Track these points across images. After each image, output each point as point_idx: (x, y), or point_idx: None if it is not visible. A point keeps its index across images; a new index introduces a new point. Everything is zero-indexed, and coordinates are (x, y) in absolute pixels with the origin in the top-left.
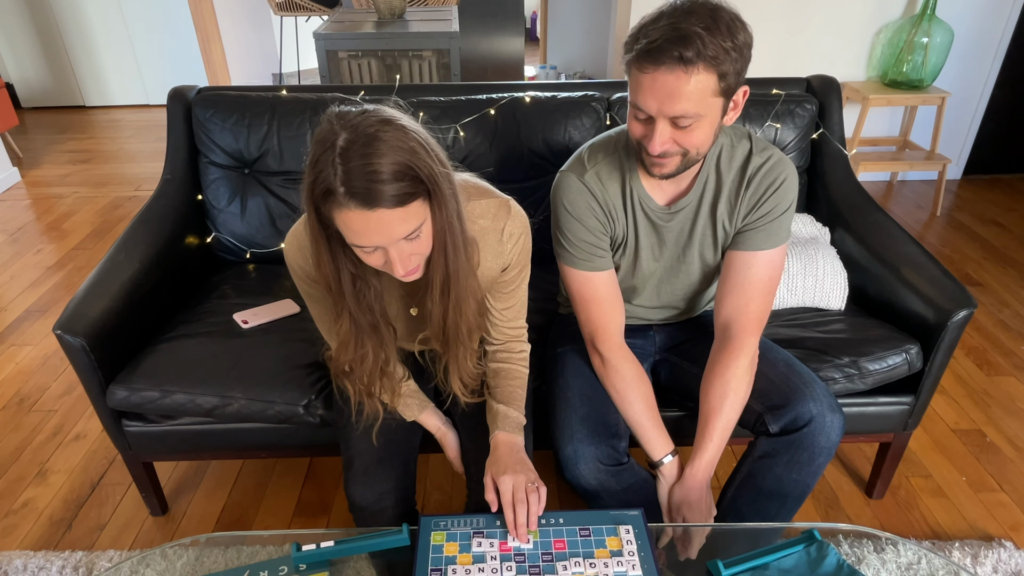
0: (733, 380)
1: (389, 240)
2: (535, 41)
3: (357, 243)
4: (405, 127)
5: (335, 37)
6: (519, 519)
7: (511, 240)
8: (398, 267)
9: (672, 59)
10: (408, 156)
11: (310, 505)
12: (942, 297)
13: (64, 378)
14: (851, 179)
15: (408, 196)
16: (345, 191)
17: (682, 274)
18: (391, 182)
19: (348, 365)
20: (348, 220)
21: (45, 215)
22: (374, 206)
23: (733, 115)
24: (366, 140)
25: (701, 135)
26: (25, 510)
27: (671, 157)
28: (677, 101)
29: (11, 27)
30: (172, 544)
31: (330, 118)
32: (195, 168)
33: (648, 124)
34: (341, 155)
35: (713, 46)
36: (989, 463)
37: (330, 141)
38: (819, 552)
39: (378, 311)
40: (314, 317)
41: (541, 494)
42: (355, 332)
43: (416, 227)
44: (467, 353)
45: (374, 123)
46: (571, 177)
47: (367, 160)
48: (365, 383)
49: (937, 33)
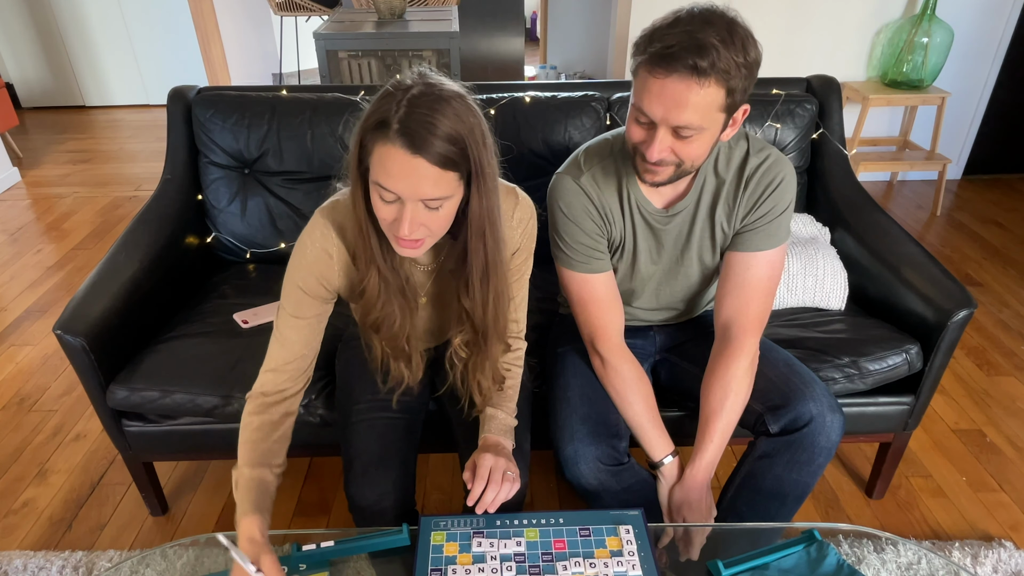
0: (733, 381)
1: (413, 194)
2: (535, 41)
3: (384, 184)
4: (474, 108)
5: (335, 37)
6: (486, 496)
7: (520, 225)
8: (405, 226)
9: (686, 67)
10: (466, 131)
11: (310, 505)
12: (942, 297)
13: (64, 378)
14: (851, 179)
15: (450, 163)
16: (399, 128)
17: (681, 276)
18: (442, 140)
19: (376, 322)
20: (387, 156)
21: (45, 215)
22: (417, 153)
23: (731, 131)
24: (436, 98)
25: (699, 148)
26: (25, 510)
27: (666, 166)
28: (683, 111)
29: (11, 27)
30: (172, 544)
31: (416, 73)
32: (195, 168)
33: (649, 130)
34: (409, 100)
35: (726, 60)
36: (989, 463)
37: (404, 86)
38: (819, 552)
39: (404, 276)
40: (281, 325)
41: (514, 487)
42: (383, 288)
43: (442, 197)
44: (501, 346)
45: (451, 91)
46: (567, 179)
47: (430, 112)
48: (394, 344)
49: (937, 33)
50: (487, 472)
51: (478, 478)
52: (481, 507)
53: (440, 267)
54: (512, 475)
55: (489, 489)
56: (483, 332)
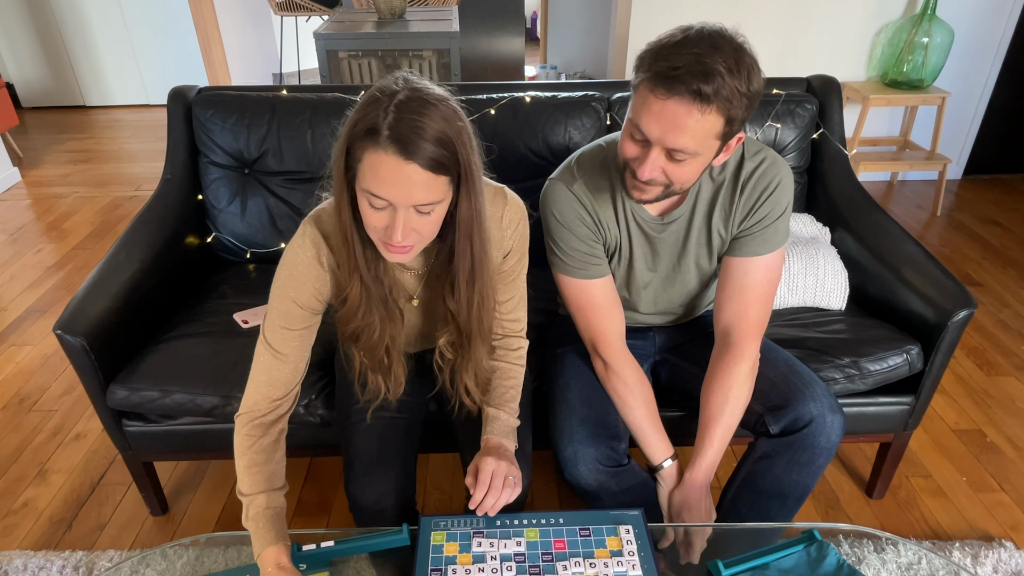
0: (734, 387)
1: (406, 200)
2: (535, 41)
3: (375, 191)
4: (459, 112)
5: (335, 37)
6: (486, 501)
7: (510, 226)
8: (398, 233)
9: (689, 92)
10: (454, 134)
11: (310, 505)
12: (942, 297)
13: (64, 378)
14: (851, 179)
15: (441, 167)
16: (389, 135)
17: (678, 283)
18: (433, 145)
19: (355, 332)
20: (378, 163)
21: (45, 215)
22: (409, 158)
23: (722, 158)
24: (423, 102)
25: (690, 172)
26: (25, 510)
27: (654, 186)
28: (680, 135)
29: (11, 27)
30: (172, 544)
31: (396, 78)
32: (195, 168)
33: (643, 147)
34: (397, 105)
35: (730, 89)
36: (989, 463)
37: (390, 91)
38: (819, 552)
39: (387, 285)
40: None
41: (515, 491)
42: (364, 297)
43: (434, 202)
44: (485, 348)
45: (436, 95)
46: (559, 186)
47: (418, 117)
48: (372, 355)
49: (937, 33)
50: (489, 477)
51: (480, 484)
52: (481, 511)
53: (430, 271)
54: (514, 480)
55: (490, 495)
56: (467, 333)
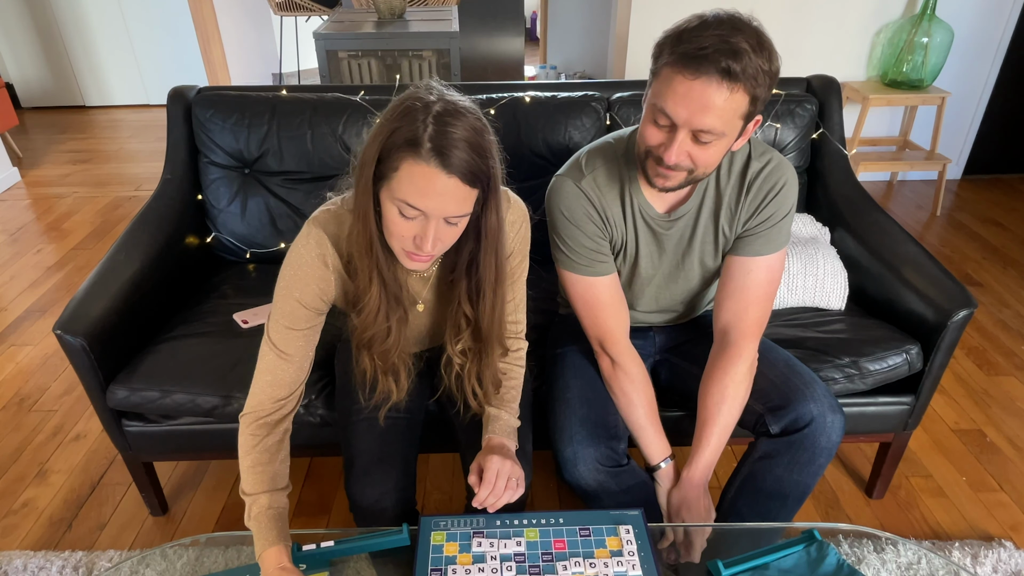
0: (732, 385)
1: (441, 211)
2: (535, 41)
3: (411, 201)
4: (486, 123)
5: (335, 37)
6: (489, 499)
7: (512, 228)
8: (428, 243)
9: (718, 70)
10: (487, 146)
11: (310, 505)
12: (942, 297)
13: (64, 378)
14: (851, 179)
15: (474, 178)
16: (432, 147)
17: (681, 280)
18: (470, 157)
19: (371, 337)
20: (418, 175)
21: (45, 215)
22: (451, 171)
23: (741, 142)
24: (457, 114)
25: (715, 155)
26: (25, 510)
27: (679, 171)
28: (708, 114)
29: (11, 27)
30: (172, 544)
31: (428, 86)
32: (195, 168)
33: (668, 132)
34: (435, 117)
35: (755, 67)
36: (989, 463)
37: (425, 102)
38: (819, 552)
39: (403, 284)
40: (277, 339)
41: (517, 492)
42: (384, 301)
43: (463, 214)
44: (500, 352)
45: (467, 106)
46: (568, 182)
47: (456, 130)
48: (385, 359)
49: (937, 33)
50: (494, 476)
51: (485, 482)
52: (482, 504)
53: (435, 275)
54: (516, 482)
55: (493, 494)
56: (487, 339)
